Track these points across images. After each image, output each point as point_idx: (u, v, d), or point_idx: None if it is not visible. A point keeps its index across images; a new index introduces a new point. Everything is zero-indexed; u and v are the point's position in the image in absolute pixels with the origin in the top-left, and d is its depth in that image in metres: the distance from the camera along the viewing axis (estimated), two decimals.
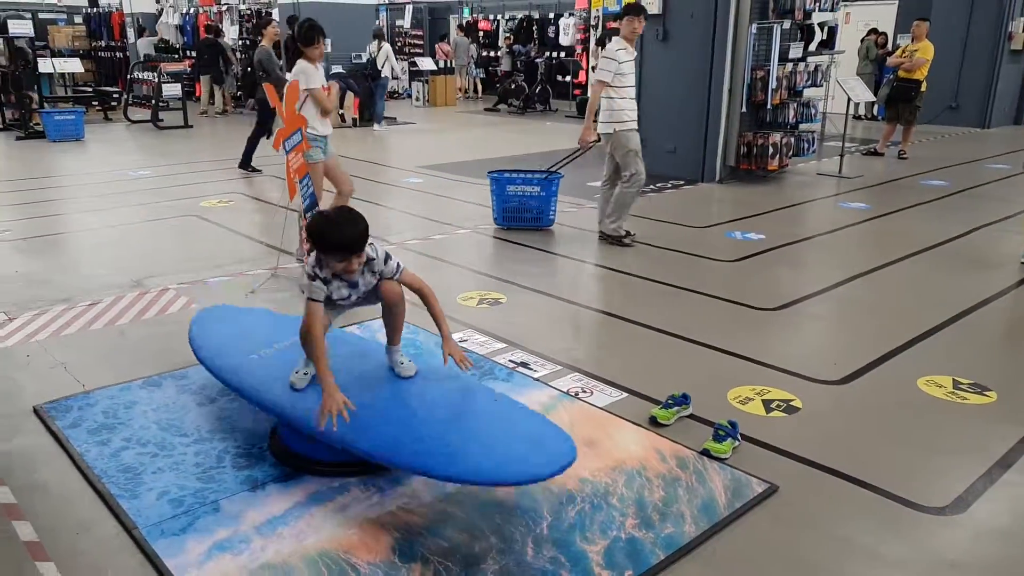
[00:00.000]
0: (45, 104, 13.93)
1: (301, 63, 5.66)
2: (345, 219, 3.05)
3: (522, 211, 7.18)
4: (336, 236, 3.00)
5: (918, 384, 4.06)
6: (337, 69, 15.31)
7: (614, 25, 14.83)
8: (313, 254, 3.12)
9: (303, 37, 5.66)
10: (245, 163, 10.21)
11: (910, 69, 11.05)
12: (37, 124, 13.20)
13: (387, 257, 3.21)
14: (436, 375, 3.39)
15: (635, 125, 6.53)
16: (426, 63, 19.69)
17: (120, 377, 4.03)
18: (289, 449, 3.22)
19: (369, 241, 3.08)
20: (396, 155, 10.58)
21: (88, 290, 5.41)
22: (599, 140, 6.72)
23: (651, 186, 9.45)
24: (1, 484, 3.06)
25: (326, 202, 5.74)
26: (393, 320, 3.34)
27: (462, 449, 2.80)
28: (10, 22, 13.12)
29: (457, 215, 7.80)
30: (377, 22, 17.47)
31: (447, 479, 2.74)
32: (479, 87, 22.11)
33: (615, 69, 6.38)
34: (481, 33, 23.06)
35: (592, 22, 17.03)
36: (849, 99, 10.75)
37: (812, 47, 10.10)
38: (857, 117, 16.36)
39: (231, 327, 3.94)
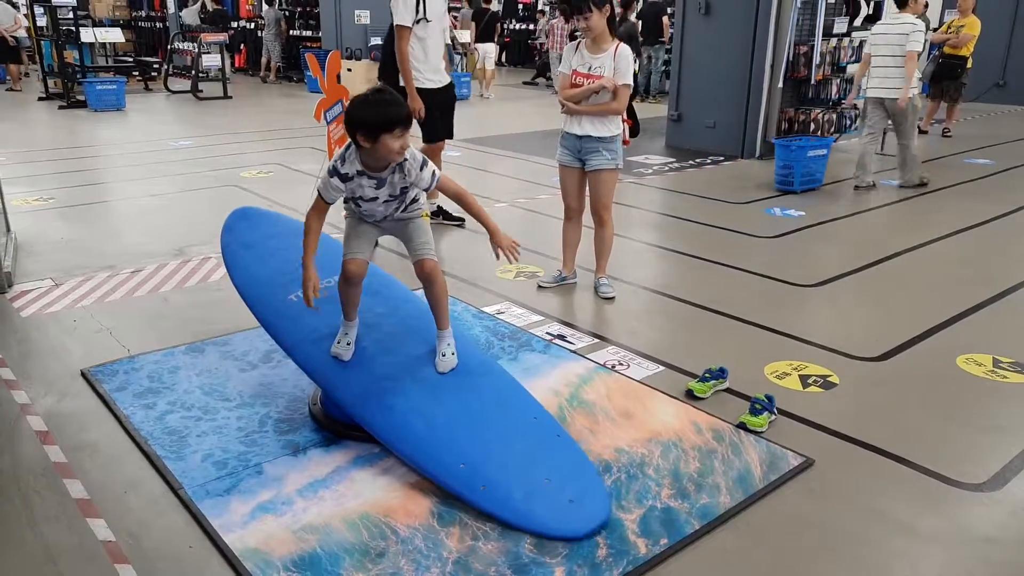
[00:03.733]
0: (87, 74, 14.11)
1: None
2: (384, 89, 2.96)
3: (813, 174, 7.93)
4: (391, 106, 2.89)
5: (957, 362, 4.02)
6: (377, 41, 15.33)
7: None
8: (339, 150, 3.03)
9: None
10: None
11: (956, 45, 10.79)
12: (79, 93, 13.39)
13: (423, 163, 3.07)
14: (477, 374, 3.35)
15: None
16: (464, 35, 19.63)
17: (164, 343, 4.12)
18: (330, 415, 3.28)
19: (410, 150, 3.03)
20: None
21: (131, 257, 5.51)
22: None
23: (690, 161, 9.40)
24: (52, 443, 3.16)
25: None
26: (434, 298, 3.28)
27: (503, 488, 2.79)
28: None
29: (495, 188, 7.81)
30: None
31: (481, 510, 2.75)
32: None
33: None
34: (520, 6, 22.92)
35: None
36: None
37: (857, 22, 9.91)
38: None
39: (265, 248, 3.83)
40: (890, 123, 8.00)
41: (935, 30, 13.60)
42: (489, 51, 15.80)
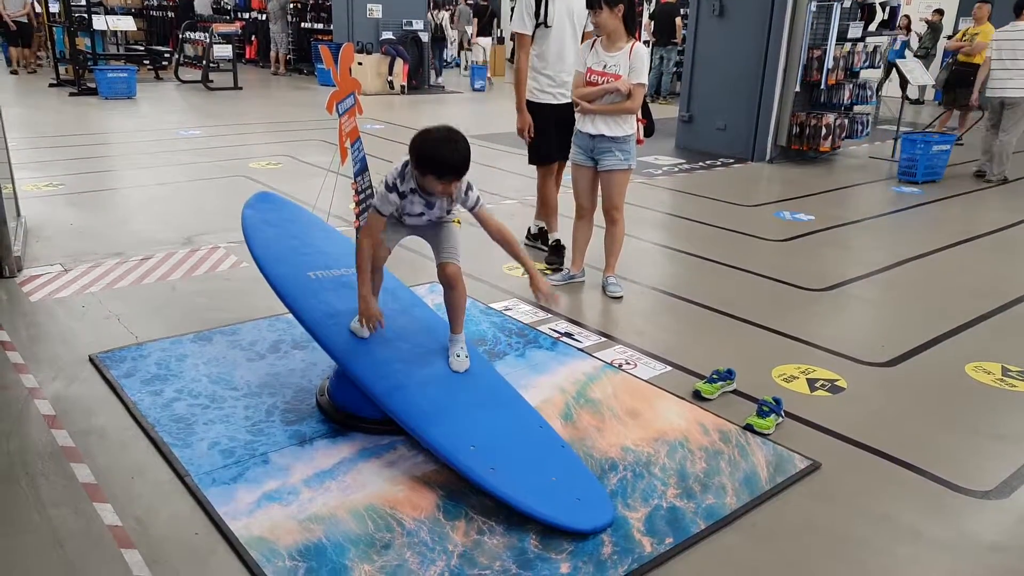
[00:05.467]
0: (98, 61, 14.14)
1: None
2: (457, 137, 2.94)
3: (935, 167, 8.73)
4: (451, 155, 2.90)
5: (966, 369, 4.01)
6: (387, 35, 15.34)
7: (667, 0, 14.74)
8: (399, 166, 3.03)
9: None
10: None
11: (970, 53, 10.75)
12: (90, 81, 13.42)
13: (468, 187, 3.11)
14: (485, 379, 3.36)
15: None
16: (483, 44, 19.70)
17: (172, 330, 4.12)
18: (337, 406, 3.28)
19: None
20: (443, 123, 10.57)
21: (140, 245, 5.51)
22: None
23: (700, 163, 9.38)
24: (60, 427, 3.17)
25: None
26: (452, 303, 3.30)
27: (512, 474, 2.80)
28: None
29: (503, 185, 7.80)
30: None
31: (490, 491, 2.75)
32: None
33: None
34: None
35: None
36: (908, 82, 10.52)
37: (872, 27, 9.90)
38: (917, 101, 16.02)
39: (285, 229, 3.85)
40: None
41: (949, 38, 13.58)
42: (487, 44, 17.73)
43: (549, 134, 5.32)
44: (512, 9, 23.23)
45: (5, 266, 4.77)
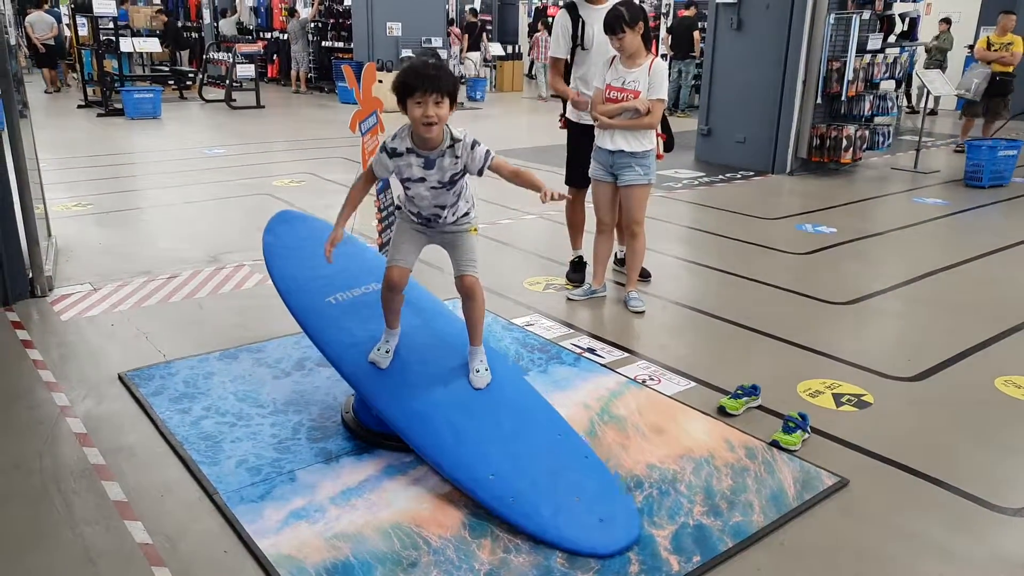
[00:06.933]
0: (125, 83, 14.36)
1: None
2: (428, 62, 2.97)
3: (1002, 171, 9.02)
4: (420, 65, 2.89)
5: (995, 384, 3.97)
6: (408, 53, 15.47)
7: (685, 13, 14.78)
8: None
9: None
10: None
11: (1009, 63, 10.62)
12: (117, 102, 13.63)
13: (474, 143, 2.99)
14: (507, 391, 3.35)
15: None
16: (494, 48, 19.80)
17: (199, 348, 4.17)
18: (362, 423, 3.30)
19: (463, 132, 3.00)
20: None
21: (167, 263, 5.58)
22: None
23: (720, 176, 9.37)
24: (91, 445, 3.21)
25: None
26: (471, 315, 3.30)
27: (532, 502, 2.79)
28: (95, 1, 13.49)
29: (523, 200, 7.78)
30: (447, 6, 17.69)
31: (510, 523, 2.75)
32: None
33: None
34: (550, 19, 23.05)
35: (663, 10, 16.88)
36: (928, 91, 10.46)
37: (892, 38, 9.87)
38: (932, 112, 15.90)
39: (305, 251, 3.80)
40: None
41: (971, 47, 13.45)
42: (476, 58, 18.39)
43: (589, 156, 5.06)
44: (530, 24, 23.45)
45: (37, 285, 4.85)
